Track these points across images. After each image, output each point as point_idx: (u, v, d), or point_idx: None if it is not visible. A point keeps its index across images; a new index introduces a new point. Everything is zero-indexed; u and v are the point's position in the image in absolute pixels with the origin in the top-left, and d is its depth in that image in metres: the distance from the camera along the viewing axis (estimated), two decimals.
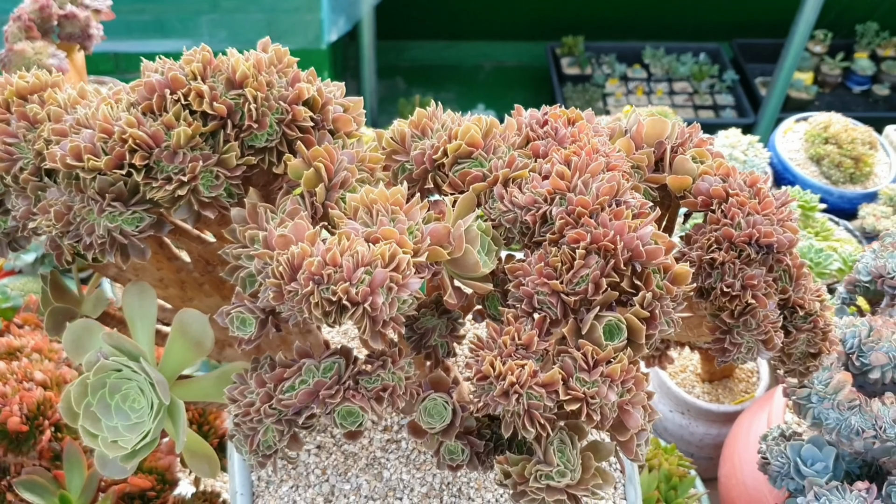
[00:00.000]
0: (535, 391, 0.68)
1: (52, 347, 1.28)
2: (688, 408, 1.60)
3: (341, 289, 0.64)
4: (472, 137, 0.78)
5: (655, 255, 0.71)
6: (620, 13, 4.34)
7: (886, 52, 4.34)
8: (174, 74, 0.72)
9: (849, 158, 2.05)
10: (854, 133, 2.09)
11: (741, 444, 1.32)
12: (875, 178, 2.13)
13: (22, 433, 1.12)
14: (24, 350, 1.25)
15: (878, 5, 4.30)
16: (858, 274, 1.15)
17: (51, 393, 1.16)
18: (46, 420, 1.13)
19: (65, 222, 0.73)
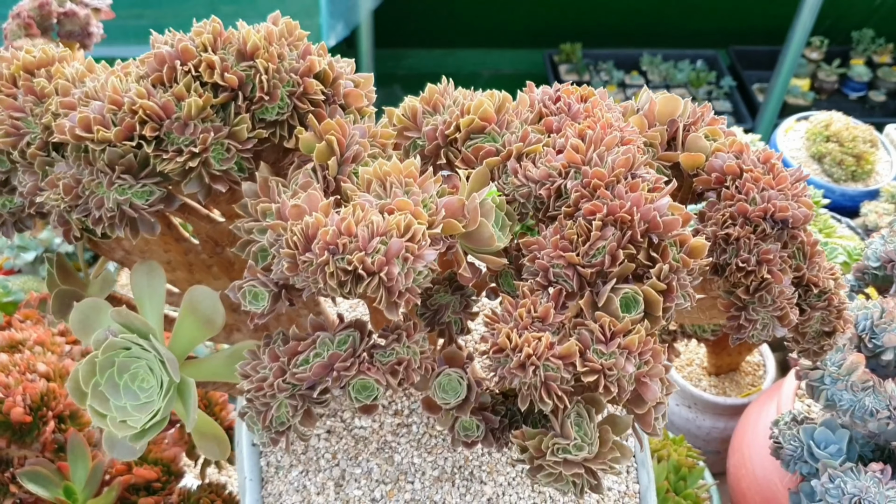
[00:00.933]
0: (551, 363, 0.67)
1: (55, 340, 1.26)
2: (694, 401, 1.59)
3: (357, 258, 0.63)
4: (485, 112, 0.78)
5: (672, 226, 0.70)
6: (618, 21, 4.35)
7: (882, 59, 4.35)
8: (185, 45, 0.71)
9: (850, 156, 2.05)
10: (855, 131, 2.09)
11: (750, 435, 1.31)
12: (877, 176, 2.13)
13: (25, 424, 1.10)
14: (26, 343, 1.24)
15: (874, 12, 4.32)
16: (868, 260, 1.14)
17: (54, 384, 1.15)
18: (50, 411, 1.12)
19: (73, 196, 0.72)
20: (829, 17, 4.15)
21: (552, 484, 0.73)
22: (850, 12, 4.32)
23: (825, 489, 0.93)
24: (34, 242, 1.74)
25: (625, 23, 4.37)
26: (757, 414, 1.34)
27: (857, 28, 4.37)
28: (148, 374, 0.76)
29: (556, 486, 0.73)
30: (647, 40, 4.43)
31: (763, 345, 1.69)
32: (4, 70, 0.76)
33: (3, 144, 0.75)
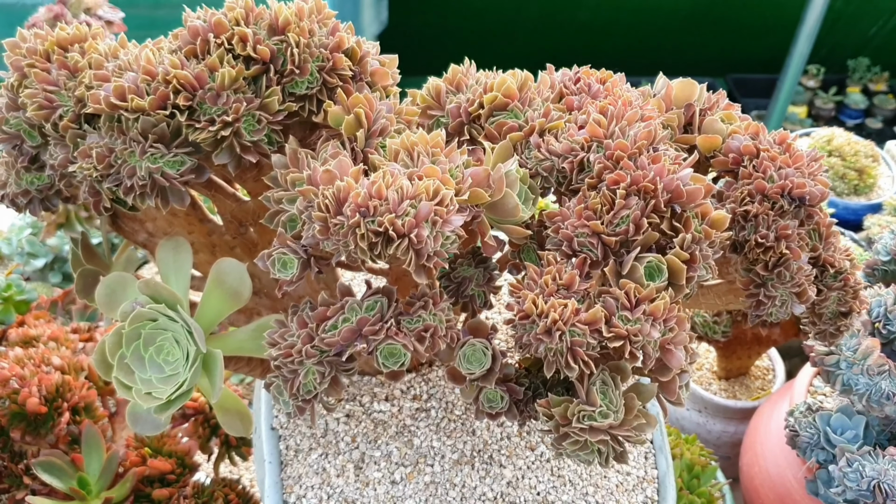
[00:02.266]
0: (578, 328, 0.68)
1: (68, 337, 1.27)
2: (705, 405, 1.59)
3: (388, 220, 0.64)
4: (509, 89, 0.79)
5: (695, 195, 0.72)
6: (618, 49, 4.41)
7: (878, 87, 4.41)
8: (218, 19, 0.73)
9: (853, 170, 2.08)
10: (857, 146, 2.12)
11: (762, 433, 1.31)
12: (879, 190, 2.15)
13: (40, 415, 1.10)
14: (40, 338, 1.24)
15: (869, 41, 4.38)
16: (878, 255, 1.15)
17: (69, 377, 1.15)
18: (65, 402, 1.12)
19: (106, 164, 0.73)
20: (825, 46, 4.21)
21: (577, 453, 0.73)
22: (846, 41, 4.38)
23: (843, 473, 0.93)
24: (44, 249, 1.75)
25: (625, 51, 4.43)
26: (769, 412, 1.34)
27: (853, 56, 4.44)
28: (174, 346, 0.77)
29: (581, 455, 0.73)
30: (647, 68, 4.48)
31: (772, 349, 1.70)
32: (39, 46, 0.78)
33: (36, 117, 0.76)
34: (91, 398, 1.15)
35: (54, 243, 1.75)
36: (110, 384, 1.21)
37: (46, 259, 1.74)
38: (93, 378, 1.20)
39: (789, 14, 3.92)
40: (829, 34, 4.06)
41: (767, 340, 1.52)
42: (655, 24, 4.21)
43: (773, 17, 4.12)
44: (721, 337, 1.46)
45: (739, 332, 1.49)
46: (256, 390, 1.04)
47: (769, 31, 4.16)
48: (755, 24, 4.18)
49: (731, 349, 1.56)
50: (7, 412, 1.09)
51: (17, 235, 1.75)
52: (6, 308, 1.48)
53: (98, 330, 1.31)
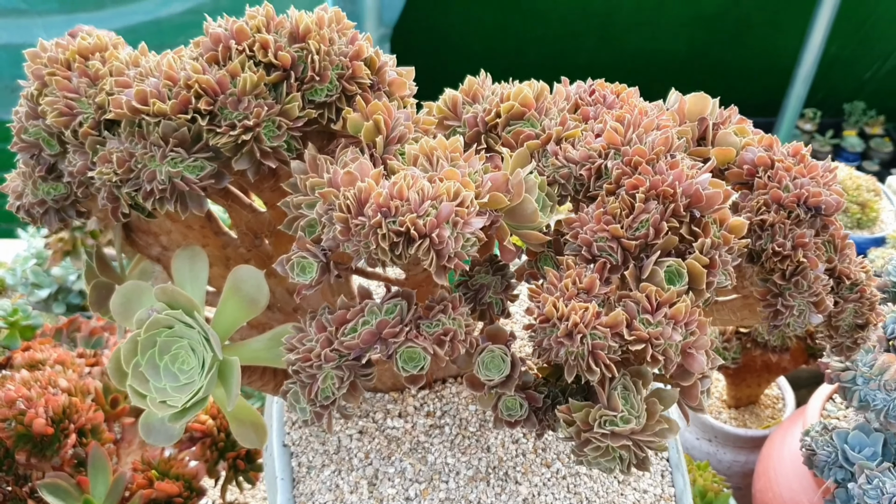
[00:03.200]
0: (599, 331, 0.68)
1: (75, 361, 1.26)
2: (715, 434, 1.58)
3: (409, 220, 0.64)
4: (525, 98, 0.80)
5: (714, 199, 0.72)
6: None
7: (874, 130, 4.45)
8: (239, 26, 0.74)
9: (855, 204, 2.09)
10: (858, 180, 2.13)
11: (775, 458, 1.30)
12: (882, 224, 2.16)
13: (47, 436, 1.09)
14: (46, 362, 1.23)
15: (864, 85, 4.43)
16: (889, 276, 1.15)
17: (76, 399, 1.14)
18: (72, 423, 1.11)
19: (126, 169, 0.73)
20: (821, 90, 4.26)
21: (599, 460, 0.72)
22: (842, 85, 4.44)
23: (863, 491, 0.92)
24: (48, 280, 1.74)
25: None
26: (782, 438, 1.33)
27: (849, 100, 4.49)
28: (189, 354, 0.76)
29: (602, 462, 0.72)
30: None
31: (781, 378, 1.69)
32: (60, 55, 0.78)
33: (56, 124, 0.76)
34: (98, 420, 1.14)
35: (59, 273, 1.74)
36: (117, 408, 1.20)
37: (51, 289, 1.74)
38: (99, 402, 1.18)
39: (785, 58, 3.98)
40: (824, 78, 4.11)
41: (777, 368, 1.51)
42: (653, 67, 4.26)
43: (770, 62, 4.17)
44: (731, 363, 1.45)
45: (749, 359, 1.49)
46: (267, 407, 1.03)
47: (765, 74, 4.22)
48: (752, 68, 4.24)
49: (741, 377, 1.55)
50: (13, 433, 1.08)
51: (21, 266, 1.75)
52: (12, 333, 1.47)
53: (104, 355, 1.30)
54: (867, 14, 4.01)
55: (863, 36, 4.13)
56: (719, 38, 4.22)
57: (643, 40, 4.14)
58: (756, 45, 4.21)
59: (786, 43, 4.00)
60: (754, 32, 4.17)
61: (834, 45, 3.98)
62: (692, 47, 4.25)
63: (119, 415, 1.19)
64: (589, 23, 3.92)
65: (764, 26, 4.13)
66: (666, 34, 4.15)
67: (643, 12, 4.02)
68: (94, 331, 1.47)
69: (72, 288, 1.75)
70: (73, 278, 1.75)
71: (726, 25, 4.13)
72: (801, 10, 3.79)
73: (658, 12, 4.03)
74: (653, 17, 4.06)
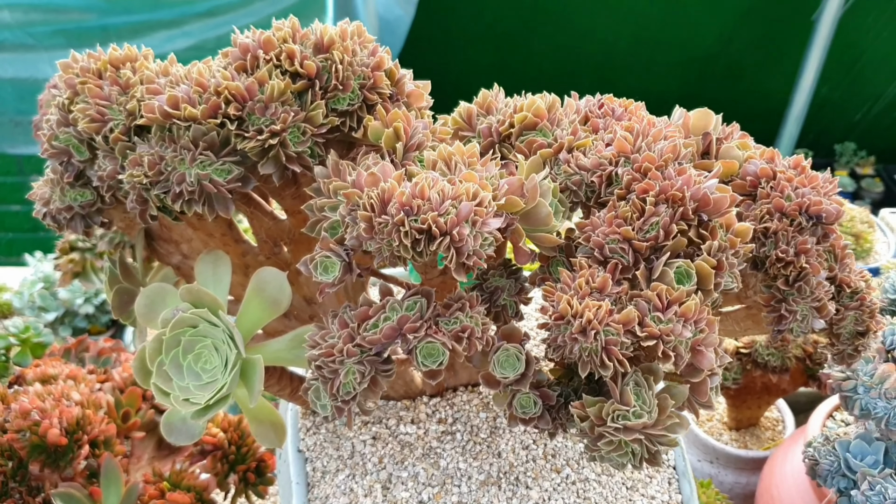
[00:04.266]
0: (612, 328, 0.70)
1: (86, 377, 1.27)
2: (717, 455, 1.59)
3: (431, 217, 0.67)
4: (538, 109, 0.83)
5: (722, 203, 0.75)
6: None
7: (865, 171, 4.52)
8: (267, 37, 0.77)
9: (850, 235, 2.13)
10: (852, 212, 2.17)
11: (777, 476, 1.31)
12: (876, 255, 2.20)
13: (60, 447, 1.10)
14: (58, 377, 1.25)
15: (855, 126, 4.51)
16: (886, 293, 1.18)
17: (89, 411, 1.15)
18: (85, 434, 1.12)
19: (156, 171, 0.76)
20: (812, 131, 4.34)
21: (611, 455, 0.74)
22: (832, 126, 4.51)
23: (866, 497, 0.94)
24: (55, 303, 1.76)
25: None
26: (783, 456, 1.34)
27: (840, 141, 4.56)
28: (212, 354, 0.79)
29: (615, 457, 0.74)
30: None
31: (781, 401, 1.71)
32: (92, 65, 0.82)
33: (87, 130, 0.79)
34: (110, 432, 1.15)
35: (66, 297, 1.76)
36: (128, 422, 1.21)
37: (57, 313, 1.76)
38: (111, 415, 1.20)
39: (777, 100, 4.06)
40: (815, 119, 4.19)
41: (777, 390, 1.53)
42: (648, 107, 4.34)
43: (762, 103, 4.25)
44: (732, 384, 1.48)
45: (749, 380, 1.51)
46: (281, 414, 1.04)
47: (758, 115, 4.28)
48: (744, 109, 4.30)
49: (742, 398, 1.57)
50: (27, 444, 1.09)
51: (28, 289, 1.77)
52: (23, 351, 1.49)
53: (116, 370, 1.31)
54: (856, 57, 4.10)
55: (852, 78, 4.22)
56: (712, 79, 4.31)
57: (638, 81, 4.22)
58: (748, 86, 4.29)
59: (777, 85, 4.08)
60: (746, 74, 4.26)
61: (824, 87, 4.06)
62: (686, 88, 4.33)
63: (130, 429, 1.20)
64: (585, 64, 4.00)
65: (755, 68, 4.22)
66: (660, 76, 4.23)
67: (638, 54, 4.10)
68: (102, 351, 1.48)
69: (78, 311, 1.77)
70: (80, 302, 1.77)
71: (719, 68, 4.22)
72: (791, 53, 3.88)
73: (652, 55, 4.12)
74: (647, 59, 4.14)
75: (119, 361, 1.43)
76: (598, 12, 3.84)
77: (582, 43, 3.92)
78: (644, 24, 3.96)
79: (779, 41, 4.06)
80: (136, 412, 1.23)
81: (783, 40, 4.03)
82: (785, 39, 4.00)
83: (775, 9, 3.85)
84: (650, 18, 3.95)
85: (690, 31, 4.03)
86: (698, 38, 4.08)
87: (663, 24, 3.98)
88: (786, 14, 3.85)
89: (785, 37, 3.99)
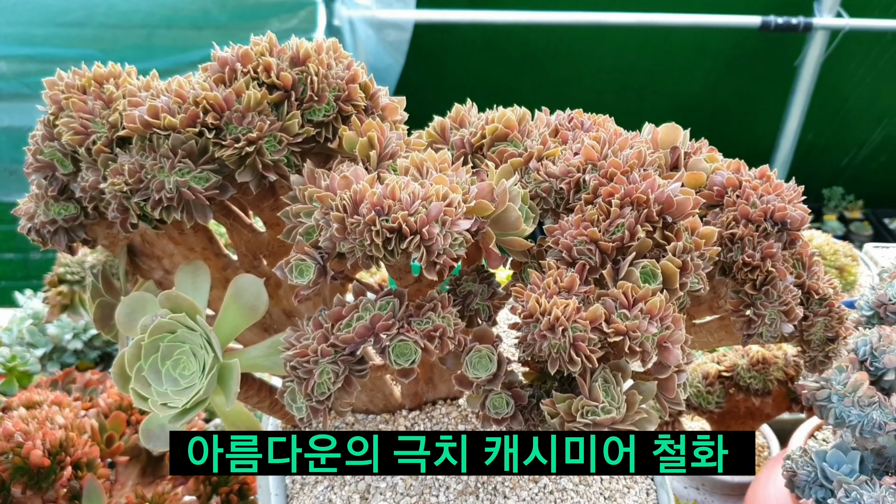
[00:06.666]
0: (579, 324, 0.72)
1: (71, 403, 1.28)
2: (703, 481, 1.59)
3: (401, 216, 0.69)
4: (509, 121, 0.86)
5: (685, 205, 0.77)
6: None
7: (853, 215, 4.57)
8: (245, 51, 0.80)
9: (834, 268, 2.15)
10: (836, 246, 2.20)
11: (760, 497, 1.31)
12: (861, 289, 2.22)
13: (43, 468, 1.11)
14: (44, 402, 1.26)
15: (842, 171, 4.57)
16: (861, 310, 1.20)
17: (73, 434, 1.16)
18: (68, 456, 1.12)
19: (136, 179, 0.78)
20: (799, 176, 4.34)
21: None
22: (820, 171, 4.57)
23: None
24: (44, 339, 1.77)
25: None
26: (767, 476, 1.34)
27: (828, 186, 4.62)
28: (190, 359, 0.80)
29: None
30: None
31: (765, 426, 1.71)
32: (76, 81, 0.85)
33: (71, 142, 0.82)
34: (93, 455, 1.15)
35: (54, 332, 1.77)
36: (112, 446, 1.22)
37: (46, 349, 1.76)
38: (95, 439, 1.20)
39: (763, 145, 4.12)
40: (803, 164, 4.25)
41: (760, 414, 1.54)
42: None
43: (748, 148, 4.30)
44: (715, 407, 1.48)
45: (732, 404, 1.51)
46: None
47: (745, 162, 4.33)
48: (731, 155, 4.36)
49: (725, 423, 1.58)
50: (9, 466, 1.10)
51: (17, 326, 1.78)
52: (9, 380, 1.49)
53: (101, 396, 1.32)
54: (840, 104, 4.16)
55: (837, 124, 4.28)
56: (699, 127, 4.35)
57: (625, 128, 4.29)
58: (735, 133, 4.35)
59: (764, 131, 4.15)
60: (732, 121, 4.32)
61: (810, 133, 4.12)
62: None
63: (114, 453, 1.21)
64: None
65: (741, 115, 4.28)
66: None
67: (624, 102, 4.17)
68: (88, 383, 1.49)
69: (67, 347, 1.78)
70: (68, 337, 1.78)
71: (705, 115, 4.29)
72: (776, 100, 3.95)
73: (639, 103, 4.19)
74: (634, 108, 4.20)
75: (106, 390, 1.43)
76: (586, 62, 3.91)
77: (569, 92, 3.99)
78: (631, 73, 4.03)
79: (764, 88, 4.13)
80: (121, 437, 1.24)
81: (768, 87, 4.10)
82: (770, 86, 4.07)
83: (759, 56, 3.92)
84: (637, 68, 4.02)
85: (677, 80, 4.10)
86: (684, 86, 4.15)
87: (649, 74, 4.06)
88: (770, 61, 3.93)
89: (769, 83, 4.06)
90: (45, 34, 2.98)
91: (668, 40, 3.88)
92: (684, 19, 3.51)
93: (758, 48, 3.89)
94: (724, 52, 3.95)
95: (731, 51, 3.94)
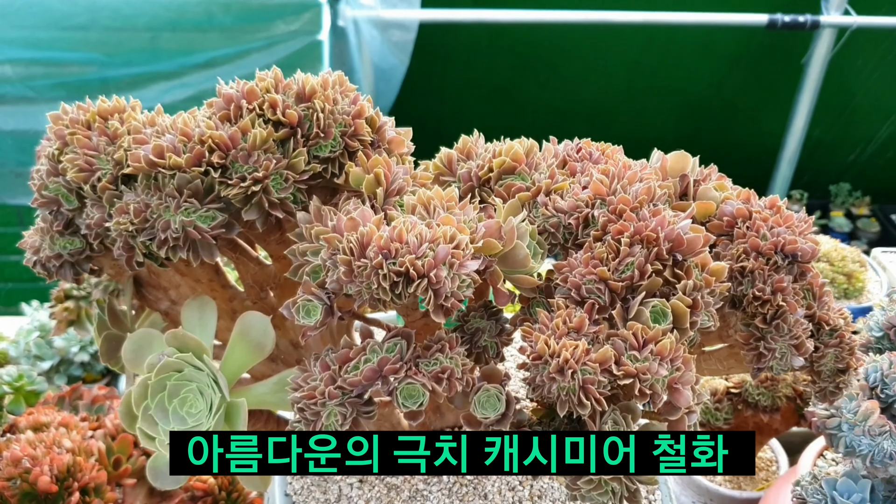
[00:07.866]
0: (589, 367, 0.71)
1: (78, 424, 1.28)
2: (710, 496, 1.59)
3: (409, 260, 0.69)
4: (516, 153, 0.85)
5: (695, 244, 0.77)
6: None
7: (860, 211, 4.54)
8: (250, 87, 0.80)
9: (841, 275, 2.14)
10: (843, 252, 2.19)
11: None
12: (869, 294, 2.21)
13: (51, 494, 1.11)
14: (51, 424, 1.26)
15: (849, 167, 4.54)
16: (871, 331, 1.19)
17: (80, 458, 1.16)
18: (76, 482, 1.12)
19: (142, 219, 0.77)
20: (807, 172, 4.37)
21: (592, 493, 0.75)
22: (827, 167, 4.55)
23: None
24: (51, 352, 1.77)
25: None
26: (776, 495, 1.34)
27: (835, 182, 4.60)
28: (197, 398, 0.80)
29: (595, 496, 0.75)
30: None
31: (774, 440, 1.71)
32: (81, 116, 0.84)
33: (76, 179, 0.81)
34: (101, 479, 1.15)
35: (61, 345, 1.77)
36: (119, 469, 1.22)
37: (53, 361, 1.76)
38: (102, 462, 1.20)
39: (770, 142, 4.10)
40: (809, 161, 4.23)
41: (768, 430, 1.53)
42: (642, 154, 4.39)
43: (756, 146, 4.29)
44: (723, 424, 1.48)
45: (740, 420, 1.51)
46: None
47: (752, 158, 4.32)
48: (738, 152, 4.35)
49: None
50: (17, 492, 1.10)
51: (24, 338, 1.78)
52: (17, 399, 1.50)
53: (108, 417, 1.32)
54: (847, 100, 4.14)
55: (845, 120, 4.26)
56: (706, 124, 4.35)
57: (632, 128, 4.26)
58: (742, 130, 4.33)
59: (771, 128, 4.12)
60: (740, 118, 4.30)
61: (817, 130, 4.10)
62: (680, 134, 4.37)
63: (121, 476, 1.21)
64: (578, 112, 4.05)
65: (749, 112, 4.26)
66: (654, 123, 4.27)
67: (631, 102, 4.15)
68: (95, 398, 1.49)
69: (73, 360, 1.78)
70: (75, 350, 1.78)
71: (712, 113, 4.26)
72: (783, 97, 3.92)
73: (646, 102, 4.16)
74: (641, 107, 4.18)
75: (112, 408, 1.43)
76: (592, 60, 3.89)
77: (575, 90, 3.97)
78: (637, 71, 4.01)
79: (771, 85, 4.11)
80: (128, 459, 1.24)
81: (775, 84, 4.08)
82: (776, 83, 4.05)
83: (766, 53, 3.90)
84: (643, 66, 4.00)
85: (683, 78, 4.08)
86: (691, 85, 4.13)
87: (656, 72, 4.03)
88: (776, 58, 3.91)
89: (776, 81, 4.04)
90: (50, 38, 2.97)
91: (674, 38, 3.86)
92: (691, 18, 3.49)
93: (764, 46, 3.86)
94: (731, 50, 3.93)
95: (737, 49, 3.92)
